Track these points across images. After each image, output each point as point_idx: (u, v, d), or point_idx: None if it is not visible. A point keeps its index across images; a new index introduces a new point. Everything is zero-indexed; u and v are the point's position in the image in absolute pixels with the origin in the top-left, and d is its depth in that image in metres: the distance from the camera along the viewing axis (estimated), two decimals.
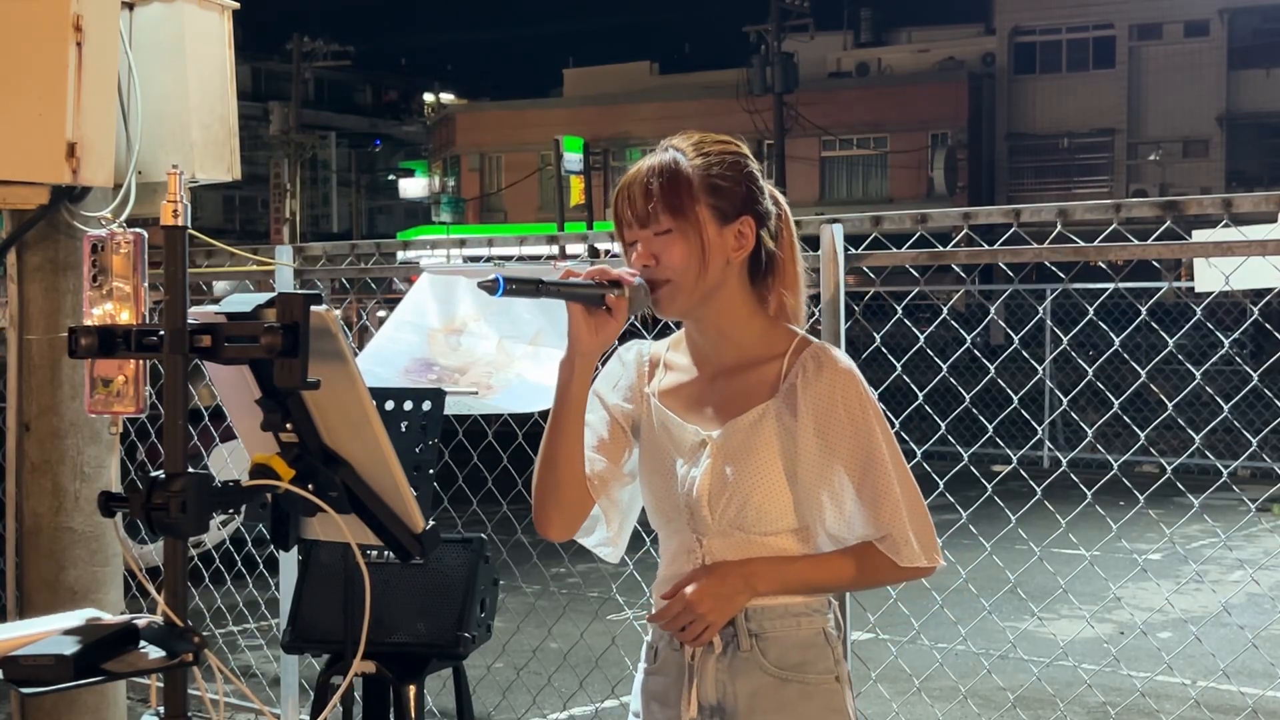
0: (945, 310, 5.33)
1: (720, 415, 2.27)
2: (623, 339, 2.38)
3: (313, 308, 1.61)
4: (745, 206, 2.25)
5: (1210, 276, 3.68)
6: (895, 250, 3.89)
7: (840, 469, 2.21)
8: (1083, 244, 3.58)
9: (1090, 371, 4.59)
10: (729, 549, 2.24)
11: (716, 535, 2.24)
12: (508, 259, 4.35)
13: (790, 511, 2.23)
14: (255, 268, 5.13)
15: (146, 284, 3.31)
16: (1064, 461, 4.41)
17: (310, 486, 1.73)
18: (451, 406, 3.64)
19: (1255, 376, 4.60)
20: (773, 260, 2.29)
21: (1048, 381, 13.53)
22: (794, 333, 2.30)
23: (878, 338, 4.28)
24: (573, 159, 31.01)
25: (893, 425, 2.31)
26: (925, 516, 2.25)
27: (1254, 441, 6.96)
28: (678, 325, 2.40)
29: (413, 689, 3.30)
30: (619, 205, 2.25)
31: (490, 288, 2.02)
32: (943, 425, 4.41)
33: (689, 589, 2.22)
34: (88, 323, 1.73)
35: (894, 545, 2.22)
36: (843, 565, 2.25)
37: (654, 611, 2.30)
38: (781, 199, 2.34)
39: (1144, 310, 4.27)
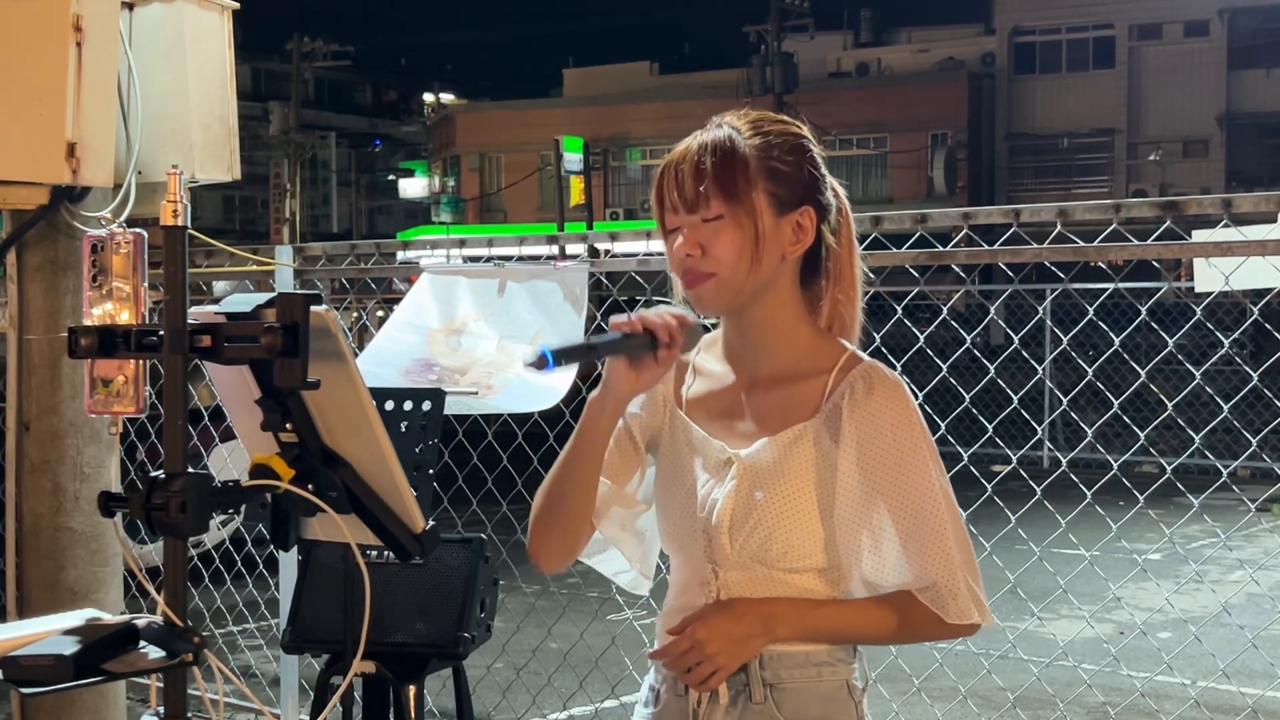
0: (945, 310, 5.33)
1: (752, 432, 2.02)
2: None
3: (312, 308, 1.60)
4: (807, 195, 1.99)
5: (1210, 276, 3.68)
6: (895, 250, 3.89)
7: (883, 507, 1.95)
8: (1083, 244, 3.58)
9: (1090, 371, 4.59)
10: (747, 584, 1.99)
11: (735, 567, 1.99)
12: (507, 259, 4.34)
13: (820, 548, 1.97)
14: (255, 268, 5.13)
15: (146, 284, 3.31)
16: (1064, 461, 4.40)
17: (310, 486, 1.73)
18: (451, 406, 3.64)
19: (1255, 376, 4.59)
20: (831, 260, 2.05)
21: (1048, 381, 13.53)
22: (844, 347, 2.04)
23: (878, 338, 4.27)
24: (573, 159, 31.01)
25: None
26: (976, 568, 1.98)
27: (1254, 441, 6.97)
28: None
29: (413, 689, 3.30)
30: (663, 186, 1.99)
31: (539, 365, 1.83)
32: (943, 425, 4.40)
33: (699, 625, 1.97)
34: (88, 323, 1.73)
35: (940, 598, 1.95)
36: (878, 615, 1.98)
37: (657, 647, 2.07)
38: (842, 192, 2.08)
39: (1144, 310, 4.27)
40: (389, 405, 3.21)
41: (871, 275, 4.37)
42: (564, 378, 3.77)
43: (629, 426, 2.11)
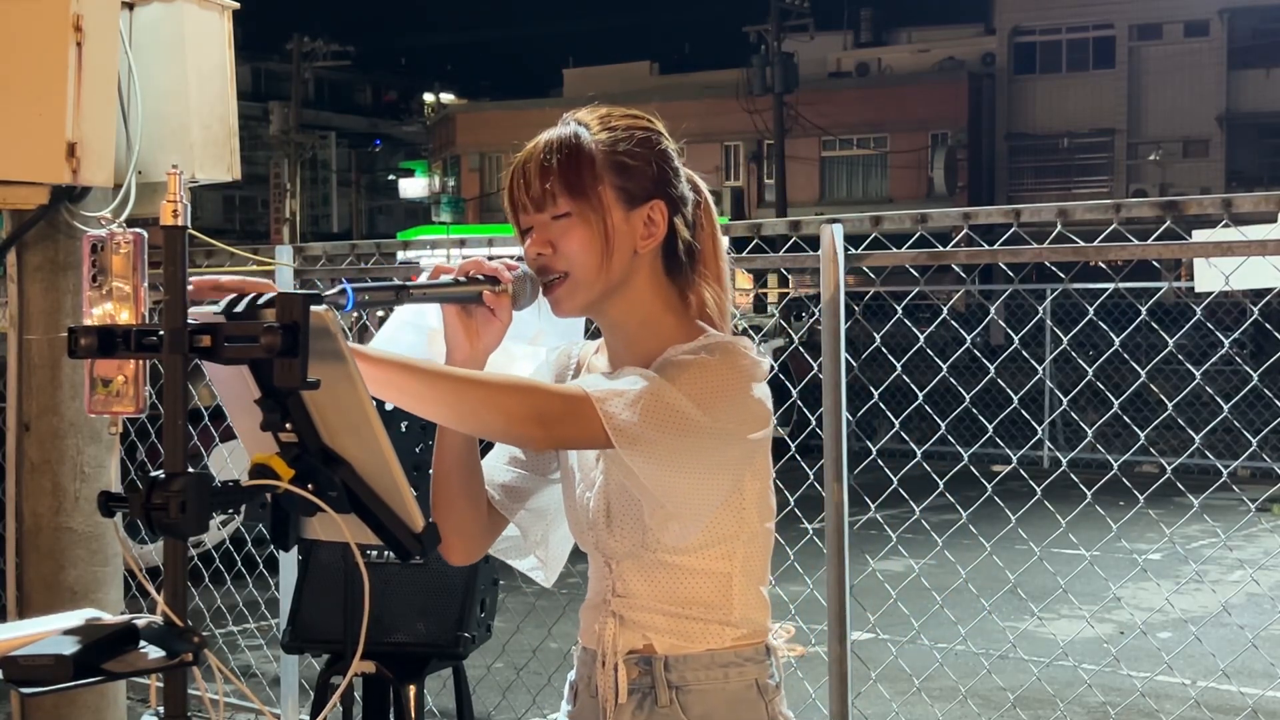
0: (945, 310, 5.34)
1: None
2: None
3: (312, 308, 1.60)
4: (656, 189, 1.95)
5: (1210, 276, 3.68)
6: (895, 250, 3.89)
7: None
8: (1083, 244, 3.58)
9: (1090, 371, 4.60)
10: (638, 569, 1.97)
11: (625, 557, 1.97)
12: (504, 258, 4.34)
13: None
14: (255, 268, 5.13)
15: (146, 284, 3.31)
16: (1064, 461, 4.41)
17: (310, 486, 1.72)
18: None
19: (1255, 376, 4.60)
20: (692, 252, 1.98)
21: (1048, 381, 13.52)
22: (705, 330, 1.96)
23: (878, 338, 4.28)
24: None
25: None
26: (653, 418, 1.82)
27: (1254, 441, 6.98)
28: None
29: (413, 689, 3.31)
30: (513, 186, 1.96)
31: (337, 302, 1.75)
32: (943, 425, 4.42)
33: None
34: (87, 323, 1.73)
35: (613, 395, 1.82)
36: (474, 380, 1.84)
37: (579, 640, 2.08)
38: (702, 185, 2.04)
39: (1144, 310, 4.27)
40: (389, 405, 3.20)
41: (872, 275, 4.39)
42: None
43: None
